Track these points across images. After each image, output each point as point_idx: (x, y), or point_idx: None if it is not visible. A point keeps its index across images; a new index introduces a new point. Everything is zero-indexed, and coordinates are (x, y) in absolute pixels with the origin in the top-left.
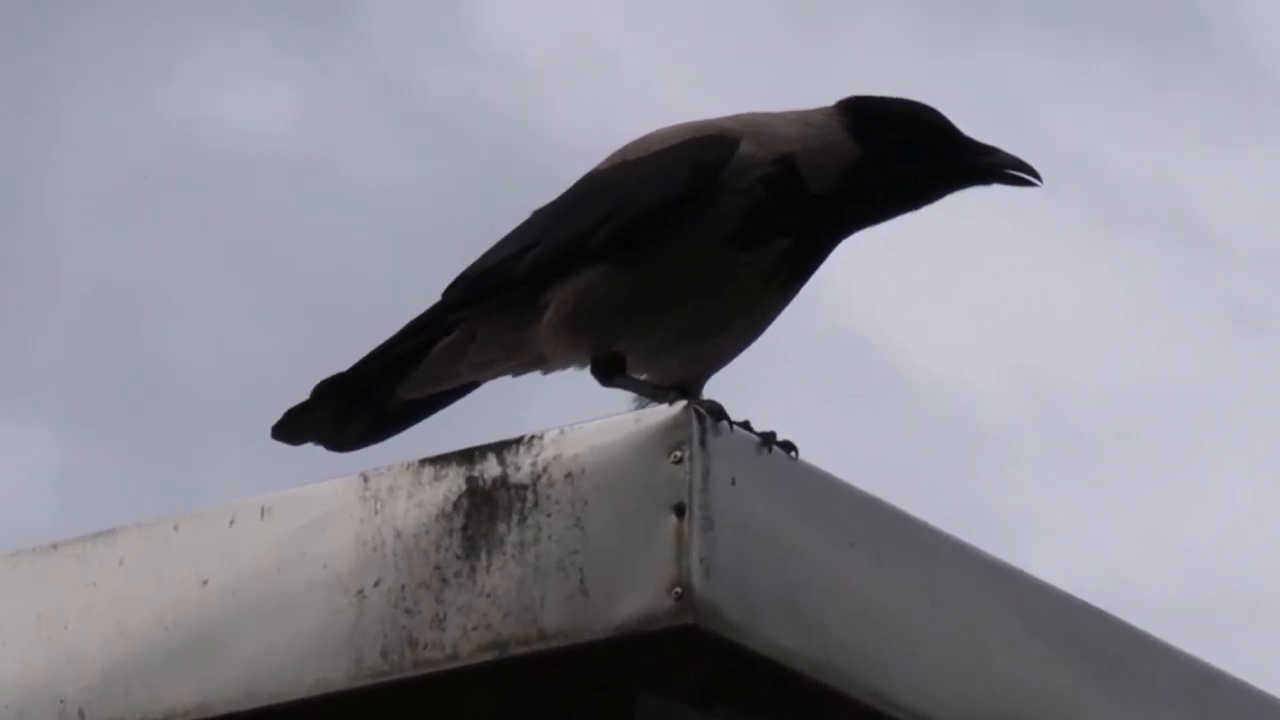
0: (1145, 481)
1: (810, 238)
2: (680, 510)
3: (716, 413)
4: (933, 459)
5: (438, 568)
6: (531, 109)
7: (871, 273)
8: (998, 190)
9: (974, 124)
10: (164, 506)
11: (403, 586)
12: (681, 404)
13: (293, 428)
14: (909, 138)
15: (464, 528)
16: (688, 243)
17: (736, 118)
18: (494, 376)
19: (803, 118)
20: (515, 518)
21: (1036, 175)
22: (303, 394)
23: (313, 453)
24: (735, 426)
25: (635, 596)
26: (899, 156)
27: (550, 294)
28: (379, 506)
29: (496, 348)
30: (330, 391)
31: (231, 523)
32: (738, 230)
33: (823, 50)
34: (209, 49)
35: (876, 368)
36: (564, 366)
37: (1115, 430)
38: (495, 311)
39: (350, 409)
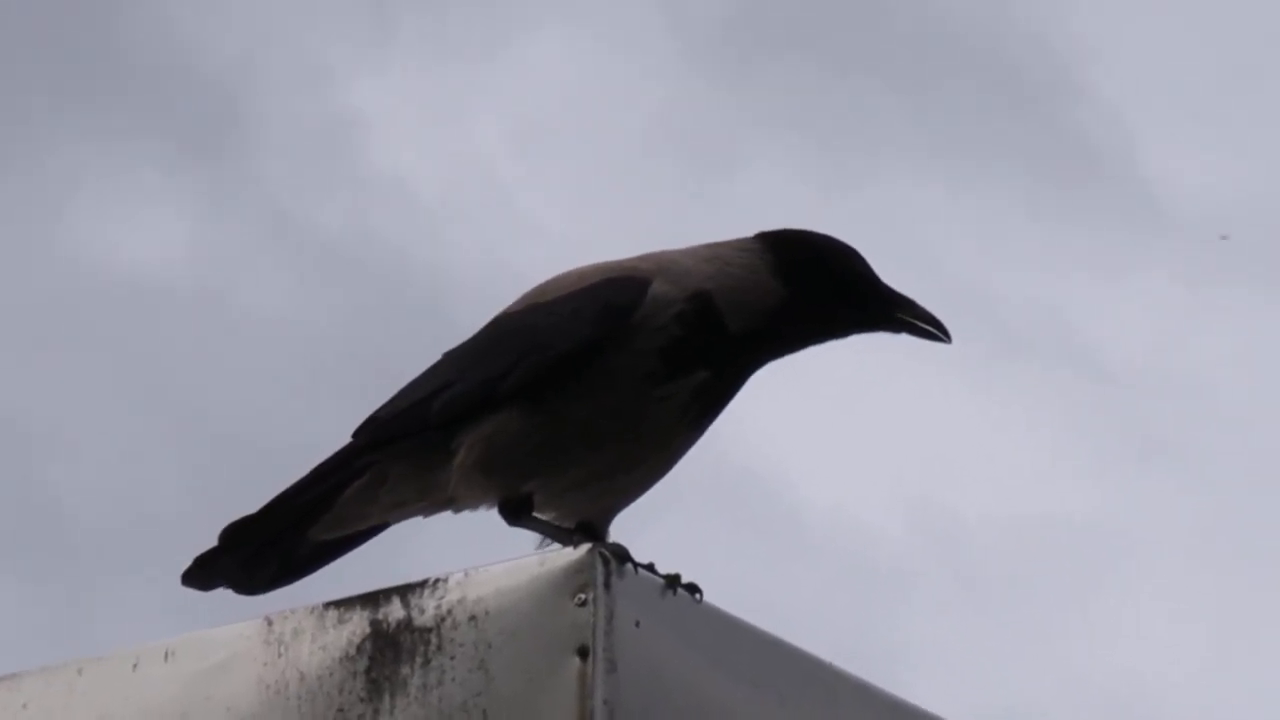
0: (1042, 612)
1: (724, 372)
2: (584, 653)
3: (621, 555)
4: (827, 593)
5: (341, 710)
6: (423, 241)
7: (764, 406)
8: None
9: (866, 254)
10: (58, 646)
11: None
12: (586, 547)
13: (202, 574)
14: (835, 284)
15: (368, 670)
16: (600, 386)
17: (646, 257)
18: (406, 518)
19: (715, 253)
20: (419, 660)
21: (946, 333)
22: (205, 534)
23: (210, 592)
24: (640, 569)
25: None
26: (824, 302)
27: (461, 437)
28: (283, 650)
29: (408, 490)
30: (239, 536)
31: (135, 666)
32: (653, 369)
33: (714, 183)
34: (101, 182)
35: (769, 502)
36: (474, 507)
37: (1010, 561)
38: (407, 454)
39: (260, 553)
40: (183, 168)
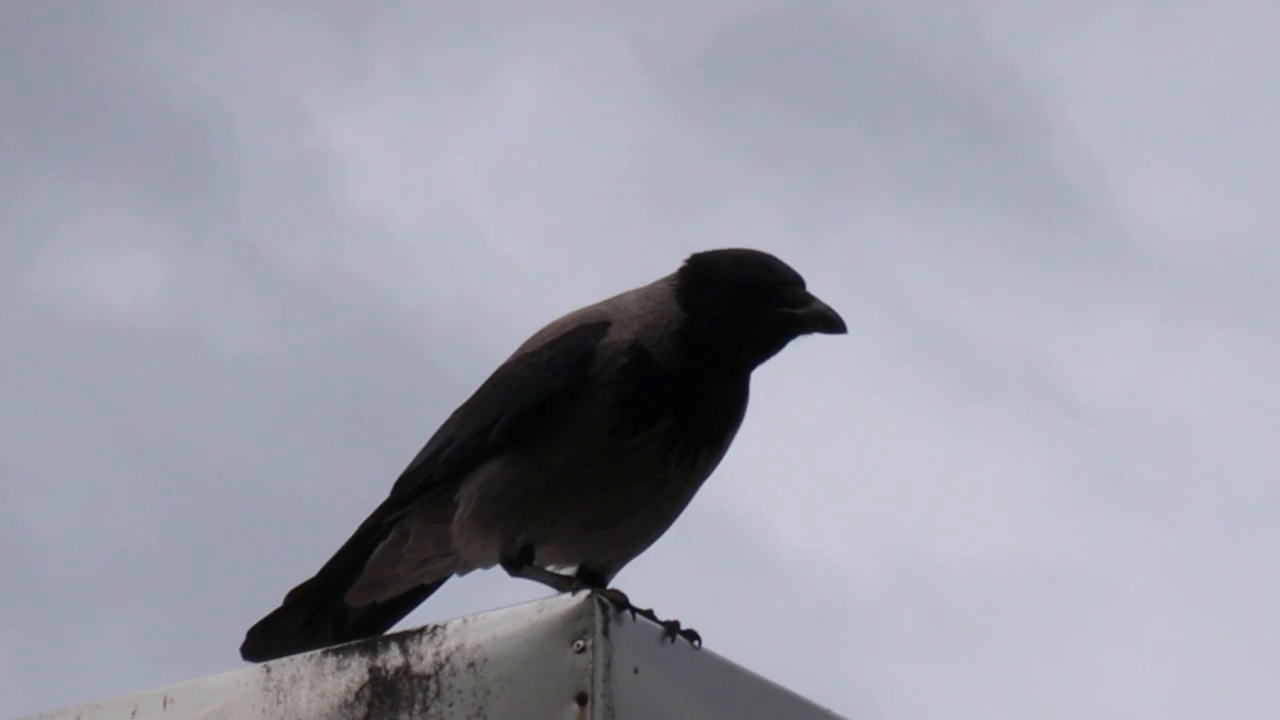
0: (1015, 654)
1: (690, 412)
2: (583, 699)
3: (619, 602)
4: (800, 634)
5: None
6: (398, 280)
7: (740, 447)
8: (863, 360)
9: (840, 296)
10: (33, 686)
11: None
12: (584, 593)
13: (264, 641)
14: (728, 296)
15: (367, 717)
16: (573, 435)
17: (612, 300)
18: (432, 577)
19: (650, 291)
20: (418, 707)
21: (841, 324)
22: (179, 573)
23: (170, 633)
24: (638, 615)
25: None
26: (719, 316)
27: (461, 490)
28: (281, 697)
29: (427, 545)
30: (302, 599)
31: (134, 713)
32: (616, 424)
33: (689, 224)
34: (75, 221)
35: (744, 543)
36: (478, 563)
37: (983, 603)
38: (423, 511)
39: (314, 619)
40: (157, 208)
